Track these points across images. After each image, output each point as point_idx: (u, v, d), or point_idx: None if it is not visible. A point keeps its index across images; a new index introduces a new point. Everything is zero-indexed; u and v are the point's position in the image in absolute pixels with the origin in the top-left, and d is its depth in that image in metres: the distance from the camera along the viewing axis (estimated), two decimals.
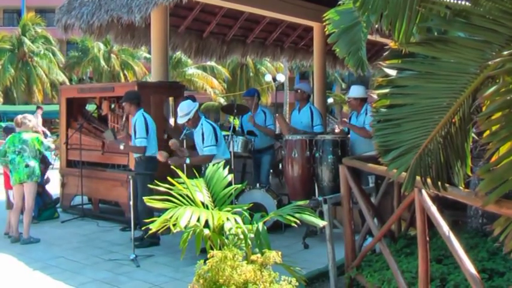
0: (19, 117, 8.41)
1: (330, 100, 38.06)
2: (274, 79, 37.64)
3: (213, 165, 4.85)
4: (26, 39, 39.30)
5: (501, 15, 2.53)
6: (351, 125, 7.87)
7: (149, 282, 6.03)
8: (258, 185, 8.43)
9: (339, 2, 4.84)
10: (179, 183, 4.26)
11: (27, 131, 8.13)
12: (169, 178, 4.32)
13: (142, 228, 7.02)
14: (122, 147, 7.91)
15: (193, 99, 8.06)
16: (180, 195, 4.13)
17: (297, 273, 3.89)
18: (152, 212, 7.11)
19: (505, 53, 2.45)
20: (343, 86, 42.94)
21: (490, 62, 2.51)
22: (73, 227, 9.03)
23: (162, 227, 3.93)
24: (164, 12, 10.00)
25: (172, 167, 6.25)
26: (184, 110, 7.20)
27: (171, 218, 3.75)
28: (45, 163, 9.72)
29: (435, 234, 4.40)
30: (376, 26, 3.57)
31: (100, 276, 6.25)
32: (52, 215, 9.64)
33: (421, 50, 2.80)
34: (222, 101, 39.37)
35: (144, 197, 4.33)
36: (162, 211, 4.00)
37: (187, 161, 7.22)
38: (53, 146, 8.97)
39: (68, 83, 36.55)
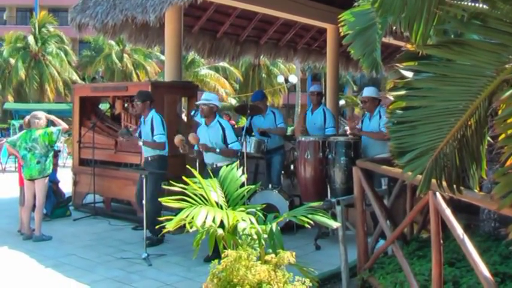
0: (27, 117, 8.41)
1: (342, 102, 38.00)
2: (286, 80, 37.58)
3: (227, 166, 4.87)
4: (32, 39, 39.55)
5: None
6: (365, 132, 7.83)
7: (161, 281, 6.05)
8: (270, 185, 8.43)
9: (354, 4, 4.85)
10: (194, 182, 4.28)
11: (38, 129, 8.06)
12: (184, 178, 4.33)
13: (156, 227, 7.03)
14: (140, 143, 7.82)
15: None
16: (195, 194, 4.15)
17: (310, 274, 3.89)
18: (160, 211, 7.13)
19: None
20: (355, 88, 42.81)
21: (506, 66, 2.50)
22: (85, 225, 9.08)
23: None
24: (178, 12, 10.03)
25: (188, 166, 6.29)
26: (208, 97, 7.38)
27: (186, 217, 3.77)
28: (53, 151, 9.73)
29: (448, 237, 4.39)
30: (393, 27, 3.58)
31: (112, 275, 6.29)
32: (64, 213, 9.69)
33: (437, 53, 2.80)
34: (234, 102, 39.34)
35: (157, 197, 4.35)
36: (174, 210, 4.01)
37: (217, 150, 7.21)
38: (65, 126, 8.63)
39: (80, 82, 36.70)
